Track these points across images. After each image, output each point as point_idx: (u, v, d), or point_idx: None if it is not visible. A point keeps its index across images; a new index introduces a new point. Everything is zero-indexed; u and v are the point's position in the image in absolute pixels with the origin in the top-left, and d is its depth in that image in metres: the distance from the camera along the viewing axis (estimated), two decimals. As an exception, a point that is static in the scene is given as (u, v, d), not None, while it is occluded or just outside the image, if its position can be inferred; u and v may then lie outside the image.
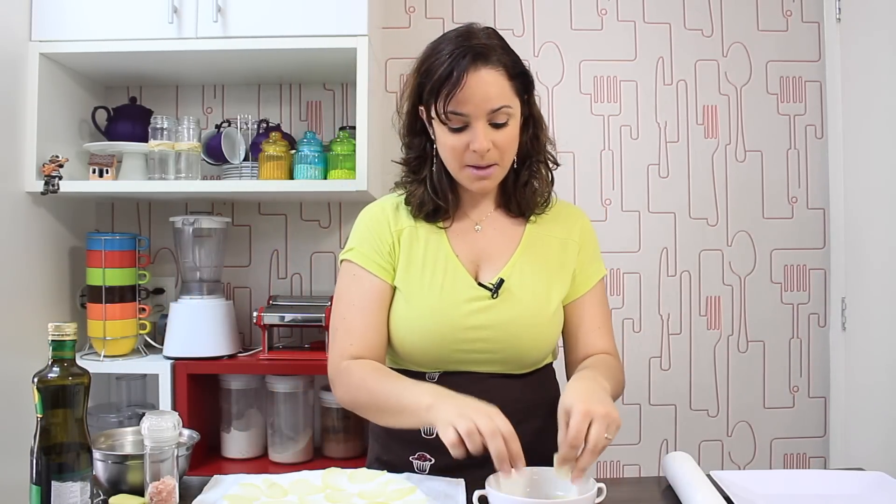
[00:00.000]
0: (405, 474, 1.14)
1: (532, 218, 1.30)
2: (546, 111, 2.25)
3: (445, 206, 1.26)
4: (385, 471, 1.14)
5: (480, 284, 1.23)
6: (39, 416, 0.94)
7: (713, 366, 2.29)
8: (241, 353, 2.06)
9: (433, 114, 1.17)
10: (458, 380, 1.22)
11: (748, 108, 2.29)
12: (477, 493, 0.98)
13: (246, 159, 2.03)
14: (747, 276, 2.29)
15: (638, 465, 2.28)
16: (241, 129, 2.05)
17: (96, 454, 1.06)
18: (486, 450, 0.96)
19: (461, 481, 1.10)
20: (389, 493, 1.04)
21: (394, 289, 1.25)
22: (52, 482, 0.92)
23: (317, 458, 2.01)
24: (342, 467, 1.14)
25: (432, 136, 1.23)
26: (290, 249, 2.26)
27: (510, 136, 1.19)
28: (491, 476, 0.99)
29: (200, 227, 2.02)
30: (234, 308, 2.10)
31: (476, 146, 1.15)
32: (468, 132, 1.16)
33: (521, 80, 1.20)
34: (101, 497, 1.08)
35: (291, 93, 2.26)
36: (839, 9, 2.18)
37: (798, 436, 2.29)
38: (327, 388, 2.03)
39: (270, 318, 1.98)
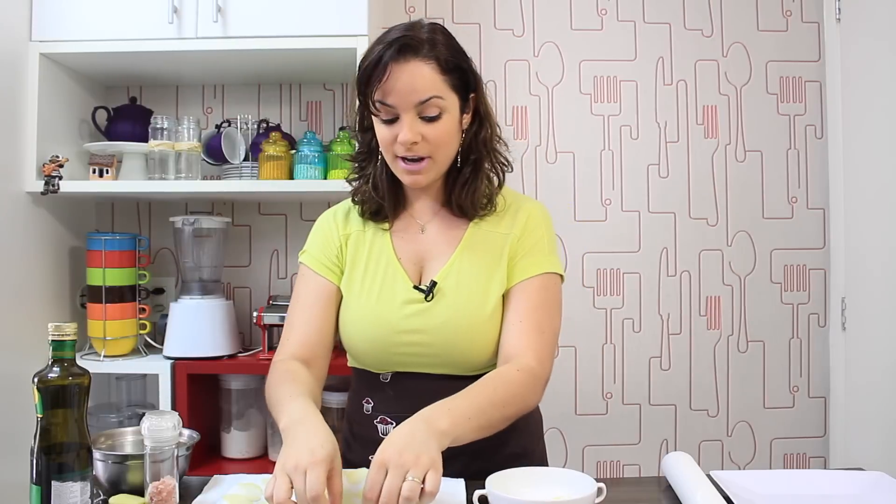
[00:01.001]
0: (405, 474, 1.14)
1: (475, 220, 1.25)
2: (546, 111, 2.26)
3: (384, 204, 1.25)
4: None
5: (416, 287, 1.21)
6: (39, 416, 0.94)
7: (713, 366, 2.29)
8: (241, 353, 2.06)
9: (366, 105, 1.17)
10: (409, 381, 1.22)
11: (748, 108, 2.29)
12: (477, 493, 0.98)
13: (246, 159, 2.03)
14: (747, 276, 2.29)
15: (638, 465, 2.28)
16: (241, 129, 2.05)
17: (96, 454, 1.06)
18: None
19: (461, 481, 1.10)
20: None
21: (341, 291, 1.27)
22: (52, 482, 0.92)
23: (317, 458, 2.01)
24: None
25: None
26: (290, 249, 2.26)
27: (442, 130, 1.15)
28: (491, 476, 1.00)
29: (200, 227, 2.02)
30: (234, 308, 2.10)
31: (401, 137, 1.14)
32: (398, 124, 1.15)
33: (458, 75, 1.17)
34: (101, 497, 1.08)
35: (291, 93, 2.26)
36: (839, 9, 2.18)
37: (798, 436, 2.29)
38: (327, 388, 2.03)
39: (270, 318, 1.97)
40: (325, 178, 1.97)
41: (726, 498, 1.03)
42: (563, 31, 2.28)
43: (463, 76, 1.18)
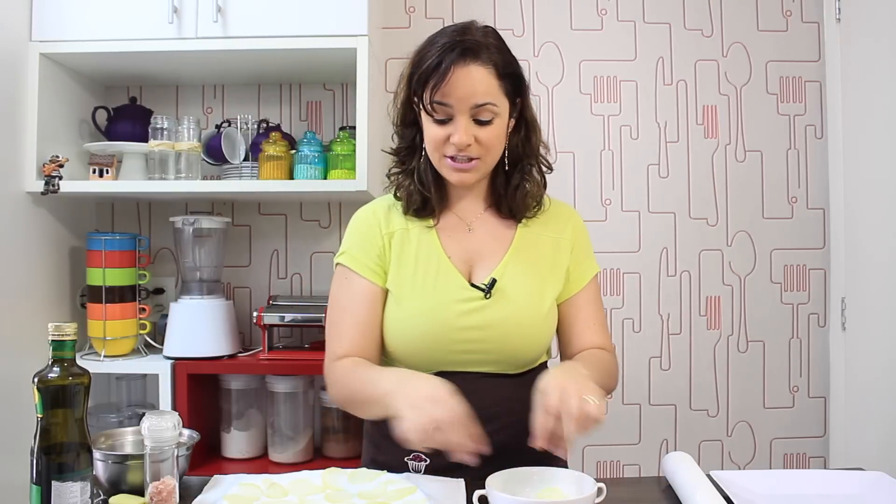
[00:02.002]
0: (405, 474, 1.14)
1: (523, 221, 1.30)
2: (546, 111, 2.26)
3: (430, 198, 1.26)
4: (385, 471, 1.14)
5: (473, 285, 1.23)
6: (39, 416, 0.94)
7: (713, 366, 2.29)
8: (241, 353, 2.06)
9: (420, 104, 1.19)
10: (452, 380, 1.21)
11: (748, 108, 2.29)
12: (477, 493, 0.98)
13: (246, 159, 2.03)
14: (747, 276, 2.29)
15: (638, 465, 2.28)
16: (241, 129, 2.05)
17: (96, 454, 1.06)
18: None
19: (461, 481, 1.10)
20: (389, 493, 1.04)
21: (386, 291, 1.26)
22: (52, 482, 0.92)
23: (317, 458, 2.01)
24: (342, 467, 1.14)
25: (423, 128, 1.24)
26: (290, 249, 2.26)
27: (494, 134, 1.19)
28: (491, 476, 1.00)
29: (200, 227, 2.02)
30: (234, 308, 2.10)
31: (456, 139, 1.17)
32: (451, 125, 1.17)
33: (511, 81, 1.20)
34: (101, 497, 1.08)
35: (291, 93, 2.26)
36: (839, 9, 2.18)
37: (798, 436, 2.29)
38: (327, 389, 2.03)
39: (270, 318, 1.97)
40: (325, 178, 1.97)
41: (726, 498, 1.03)
42: (563, 31, 2.28)
43: (515, 82, 1.22)
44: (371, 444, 1.32)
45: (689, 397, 2.29)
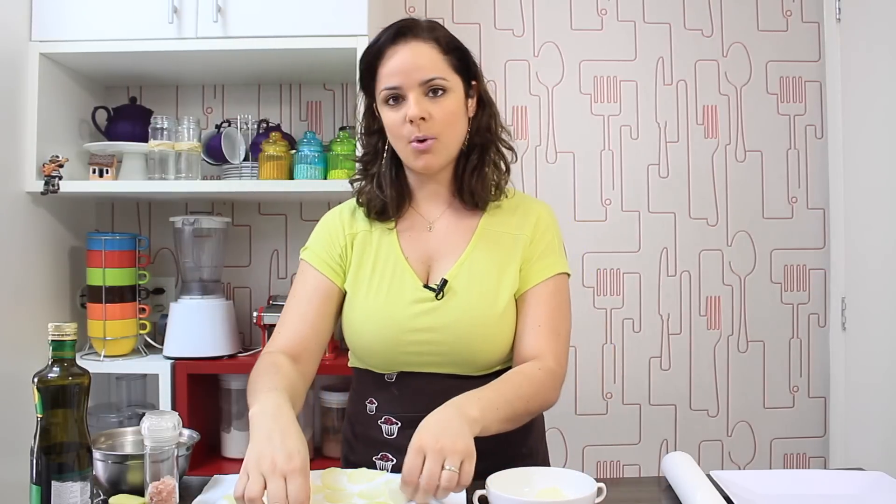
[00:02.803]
0: (405, 474, 1.14)
1: (488, 209, 1.27)
2: (546, 111, 2.26)
3: (387, 201, 1.26)
4: (385, 471, 1.14)
5: (426, 286, 1.22)
6: (39, 416, 0.94)
7: (713, 366, 2.29)
8: (241, 353, 2.06)
9: (373, 95, 1.21)
10: (415, 381, 1.22)
11: (748, 108, 2.29)
12: (477, 493, 0.98)
13: (246, 159, 2.03)
14: (747, 276, 2.29)
15: (638, 465, 2.28)
16: (241, 129, 2.05)
17: (96, 454, 1.06)
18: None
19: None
20: (389, 493, 1.04)
21: (341, 291, 1.27)
22: (52, 482, 0.92)
23: (317, 458, 2.01)
24: (342, 467, 1.14)
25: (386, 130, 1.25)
26: (290, 249, 2.26)
27: (448, 108, 1.18)
28: (491, 476, 1.00)
29: (200, 227, 2.02)
30: (234, 308, 2.10)
31: (409, 112, 1.16)
32: (405, 105, 1.18)
33: (458, 56, 1.21)
34: (101, 497, 1.08)
35: (291, 93, 2.26)
36: (839, 9, 2.18)
37: (798, 436, 2.29)
38: (327, 389, 2.03)
39: (270, 318, 1.97)
40: (325, 178, 1.97)
41: (726, 498, 1.03)
42: (563, 31, 2.28)
43: (463, 57, 1.22)
44: (346, 444, 1.33)
45: (689, 397, 2.29)
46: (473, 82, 1.24)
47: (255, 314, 2.00)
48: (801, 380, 2.29)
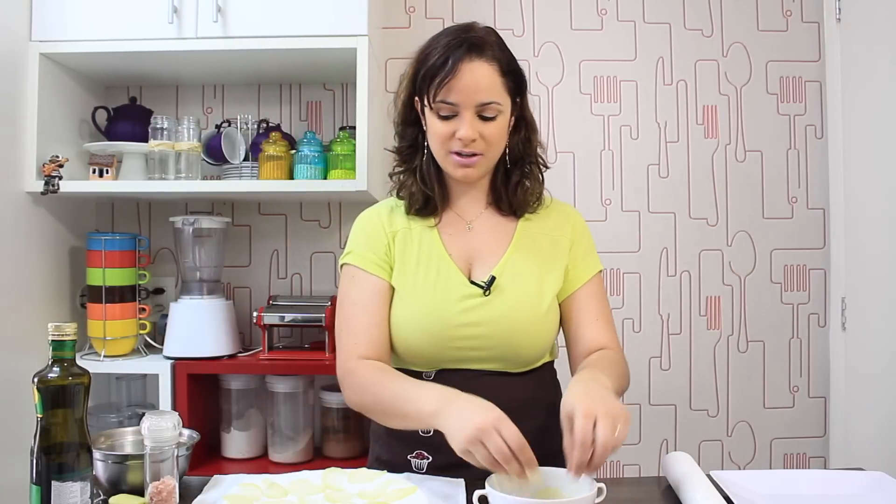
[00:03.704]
0: (405, 474, 1.14)
1: (524, 216, 1.32)
2: (546, 111, 2.26)
3: (433, 197, 1.28)
4: (385, 470, 1.14)
5: (472, 282, 1.24)
6: (39, 416, 0.94)
7: (713, 366, 2.29)
8: (241, 353, 2.06)
9: (425, 101, 1.21)
10: (454, 378, 1.22)
11: (748, 108, 2.29)
12: (477, 493, 0.98)
13: (246, 159, 2.03)
14: (747, 276, 2.29)
15: (638, 465, 2.28)
16: (241, 129, 2.05)
17: (96, 454, 1.06)
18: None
19: (461, 481, 1.10)
20: (390, 493, 1.04)
21: (392, 287, 1.27)
22: (52, 482, 0.92)
23: (317, 458, 2.01)
24: (342, 467, 1.14)
25: (424, 127, 1.26)
26: (290, 249, 2.26)
27: (497, 130, 1.21)
28: (491, 476, 1.00)
29: (200, 227, 2.02)
30: (234, 308, 2.10)
31: (462, 134, 1.18)
32: (456, 121, 1.19)
33: (513, 79, 1.23)
34: (101, 497, 1.08)
35: (291, 93, 2.26)
36: (839, 9, 2.18)
37: (798, 436, 2.29)
38: (327, 388, 2.03)
39: (270, 318, 1.97)
40: (325, 178, 1.97)
41: (726, 498, 1.03)
42: (563, 31, 2.28)
43: (517, 80, 1.24)
44: (378, 443, 1.32)
45: (689, 397, 2.29)
46: (519, 98, 1.26)
47: (255, 314, 2.00)
48: (801, 380, 2.29)
